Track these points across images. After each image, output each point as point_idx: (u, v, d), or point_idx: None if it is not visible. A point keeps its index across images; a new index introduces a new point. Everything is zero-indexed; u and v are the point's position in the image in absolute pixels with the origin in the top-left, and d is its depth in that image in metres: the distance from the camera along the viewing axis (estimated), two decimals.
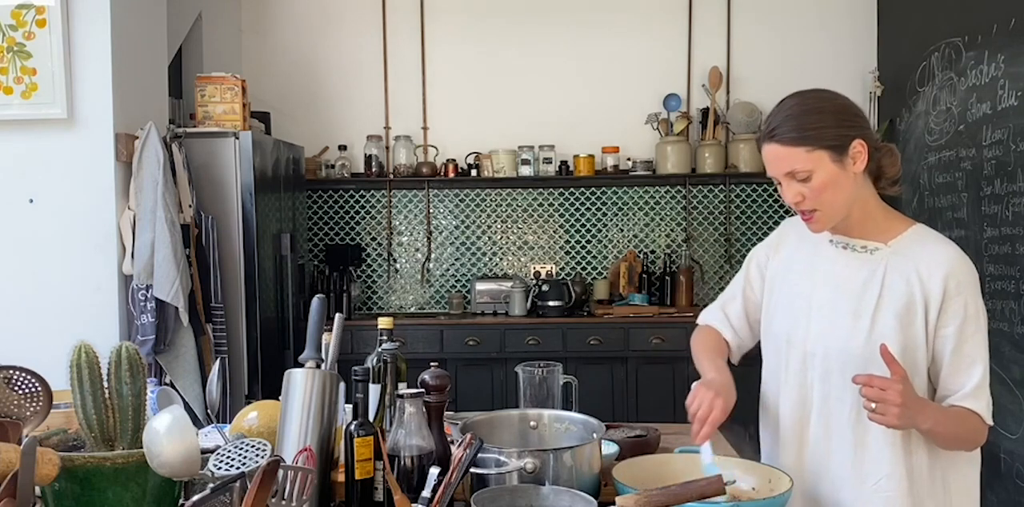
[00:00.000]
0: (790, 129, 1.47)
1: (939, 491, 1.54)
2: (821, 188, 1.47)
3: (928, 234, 1.57)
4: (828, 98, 1.52)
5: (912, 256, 1.51)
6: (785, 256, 1.68)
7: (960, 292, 1.48)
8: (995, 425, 1.54)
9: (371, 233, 4.76)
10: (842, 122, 1.48)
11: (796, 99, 1.52)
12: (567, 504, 1.38)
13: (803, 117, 1.48)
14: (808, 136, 1.46)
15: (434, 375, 1.58)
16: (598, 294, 4.53)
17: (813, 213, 1.51)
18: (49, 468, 1.26)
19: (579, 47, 4.66)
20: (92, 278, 3.15)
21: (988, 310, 1.57)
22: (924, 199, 3.86)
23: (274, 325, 3.79)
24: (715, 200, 4.67)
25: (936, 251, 1.51)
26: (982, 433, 1.50)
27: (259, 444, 1.38)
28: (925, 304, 1.49)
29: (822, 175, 1.47)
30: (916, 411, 1.40)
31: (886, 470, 1.51)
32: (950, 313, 1.48)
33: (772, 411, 1.68)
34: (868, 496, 1.53)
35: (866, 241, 1.56)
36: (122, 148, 3.18)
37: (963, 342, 1.49)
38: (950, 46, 3.61)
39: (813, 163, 1.46)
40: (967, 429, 1.48)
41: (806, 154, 1.46)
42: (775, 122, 1.50)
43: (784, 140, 1.47)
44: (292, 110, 4.68)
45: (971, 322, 1.49)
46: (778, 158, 1.49)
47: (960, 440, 1.51)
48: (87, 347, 1.42)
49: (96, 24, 3.11)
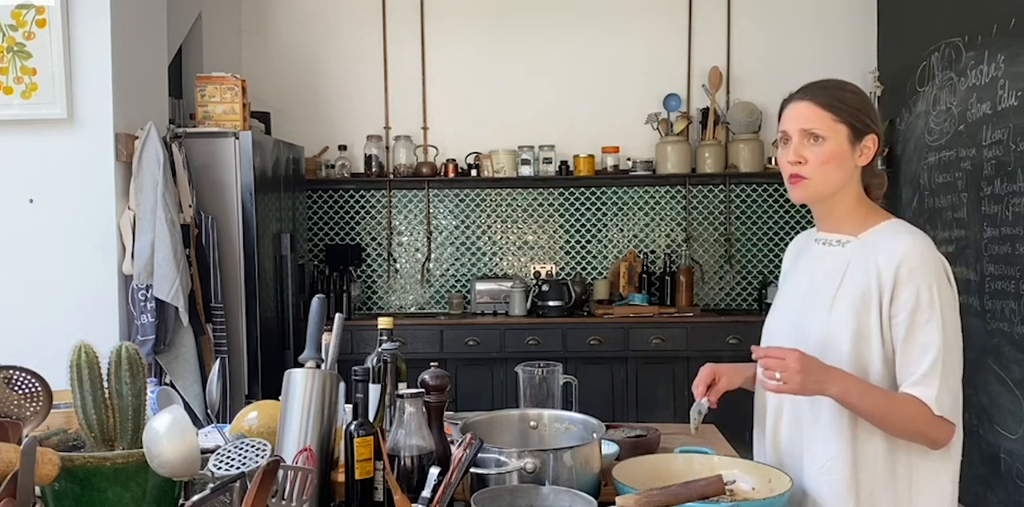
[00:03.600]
0: (827, 96, 1.55)
1: (902, 487, 1.52)
2: (827, 157, 1.53)
3: (899, 227, 1.58)
4: (861, 90, 1.61)
5: (874, 246, 1.54)
6: (785, 271, 1.79)
7: (912, 279, 1.48)
8: (995, 425, 1.53)
9: (371, 233, 4.76)
10: (868, 113, 1.56)
11: (838, 80, 1.61)
12: (567, 504, 1.38)
13: (842, 92, 1.56)
14: (840, 108, 1.53)
15: (434, 375, 1.58)
16: (598, 294, 4.53)
17: (801, 180, 1.56)
18: (49, 468, 1.26)
19: (579, 47, 4.66)
20: (92, 278, 3.15)
21: (988, 310, 1.57)
22: (924, 199, 3.86)
23: (274, 325, 3.79)
24: (715, 200, 4.67)
25: (896, 240, 1.53)
26: (935, 426, 1.47)
27: (259, 444, 1.38)
28: (880, 292, 1.51)
29: (833, 145, 1.53)
30: (820, 376, 1.44)
31: (832, 453, 1.52)
32: (901, 300, 1.49)
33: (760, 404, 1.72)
34: (815, 479, 1.54)
35: (840, 235, 1.61)
36: (122, 148, 3.18)
37: (915, 330, 1.48)
38: (950, 46, 3.61)
39: (833, 132, 1.53)
40: (905, 414, 1.47)
41: (831, 121, 1.53)
42: (813, 87, 1.58)
43: (818, 102, 1.54)
44: (292, 110, 4.68)
45: (924, 310, 1.47)
46: (803, 115, 1.55)
47: (901, 426, 1.48)
48: (87, 347, 1.42)
49: (96, 24, 3.11)
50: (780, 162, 1.60)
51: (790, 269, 1.76)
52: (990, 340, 3.19)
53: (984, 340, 3.25)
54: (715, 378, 1.64)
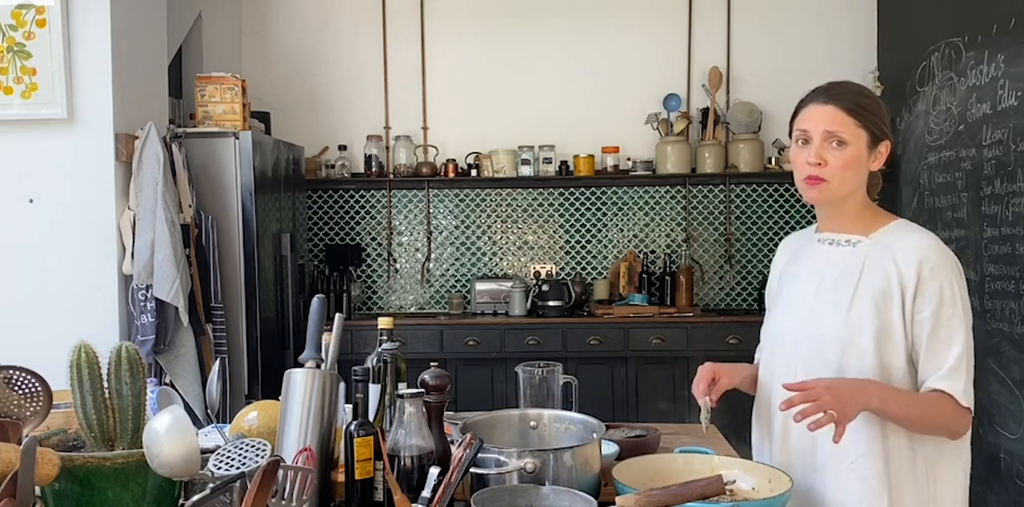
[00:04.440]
0: (852, 102, 1.58)
1: (922, 479, 1.56)
2: (848, 162, 1.56)
3: (908, 226, 1.63)
4: (880, 99, 1.68)
5: (890, 245, 1.58)
6: (781, 269, 1.79)
7: (935, 277, 1.52)
8: (995, 425, 1.55)
9: (371, 233, 4.76)
10: (885, 120, 1.61)
11: (859, 86, 1.65)
12: (567, 504, 1.38)
13: (865, 99, 1.61)
14: (863, 113, 1.58)
15: (434, 375, 1.58)
16: (598, 294, 4.53)
17: (820, 182, 1.58)
18: (49, 468, 1.26)
19: (579, 47, 4.66)
20: (92, 278, 3.15)
21: (988, 310, 1.60)
22: (924, 199, 3.86)
23: (274, 325, 3.79)
24: (715, 200, 4.67)
25: (912, 239, 1.58)
26: (959, 418, 1.52)
27: (259, 444, 1.38)
28: (901, 290, 1.54)
29: (854, 150, 1.57)
30: (856, 396, 1.46)
31: (862, 448, 1.55)
32: (925, 297, 1.53)
33: (763, 405, 1.73)
34: (846, 475, 1.56)
35: (850, 235, 1.64)
36: (122, 148, 3.18)
37: (939, 326, 1.52)
38: (950, 46, 3.61)
39: (855, 137, 1.57)
40: (936, 411, 1.51)
41: (855, 126, 1.57)
42: (836, 90, 1.61)
43: (843, 107, 1.58)
44: (292, 110, 4.68)
45: (947, 306, 1.52)
46: (828, 118, 1.58)
47: (932, 423, 1.53)
48: (87, 347, 1.42)
49: (96, 24, 3.11)
50: (795, 161, 1.62)
51: (788, 270, 1.75)
52: (990, 340, 3.19)
53: (984, 340, 3.25)
54: (715, 377, 1.67)
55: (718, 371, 1.68)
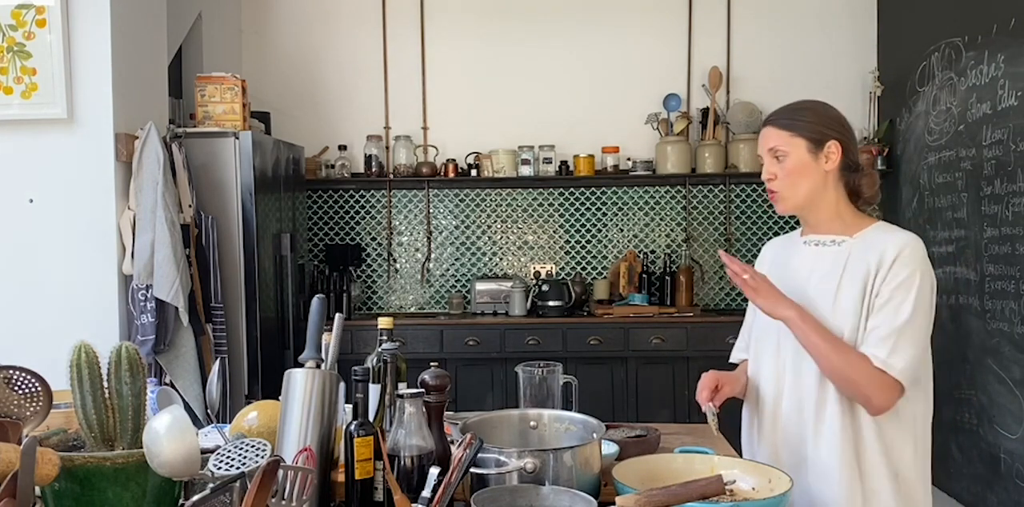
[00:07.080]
0: (785, 117, 1.75)
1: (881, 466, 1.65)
2: (790, 170, 1.71)
3: (890, 226, 1.74)
4: (823, 105, 1.77)
5: (872, 242, 1.68)
6: (767, 270, 1.84)
7: (903, 265, 1.62)
8: (995, 425, 1.56)
9: (371, 233, 4.76)
10: (825, 123, 1.72)
11: (800, 102, 1.79)
12: (567, 504, 1.38)
13: (796, 111, 1.75)
14: (796, 124, 1.72)
15: (434, 375, 1.58)
16: (598, 294, 4.53)
17: (775, 194, 1.74)
18: (49, 468, 1.26)
19: (579, 47, 4.66)
20: (92, 278, 3.15)
21: (988, 310, 1.62)
22: (924, 199, 3.86)
23: (274, 325, 3.79)
24: (715, 200, 4.67)
25: (896, 236, 1.68)
26: (877, 384, 1.59)
27: (259, 444, 1.38)
28: (876, 275, 1.64)
29: (795, 159, 1.71)
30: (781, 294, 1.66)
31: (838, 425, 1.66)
32: (889, 277, 1.62)
33: (752, 395, 1.84)
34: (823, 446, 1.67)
35: (834, 235, 1.75)
36: (122, 148, 3.18)
37: (891, 300, 1.61)
38: (950, 46, 3.61)
39: (791, 147, 1.71)
40: (848, 361, 1.60)
41: (788, 137, 1.71)
42: (775, 113, 1.78)
43: (777, 124, 1.74)
44: (292, 110, 4.68)
45: (905, 290, 1.61)
46: (766, 137, 1.75)
47: (842, 371, 1.61)
48: (87, 347, 1.42)
49: (96, 24, 3.11)
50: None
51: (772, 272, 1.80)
52: (990, 340, 3.19)
53: (984, 340, 3.25)
54: (718, 385, 1.76)
55: (720, 379, 1.77)
